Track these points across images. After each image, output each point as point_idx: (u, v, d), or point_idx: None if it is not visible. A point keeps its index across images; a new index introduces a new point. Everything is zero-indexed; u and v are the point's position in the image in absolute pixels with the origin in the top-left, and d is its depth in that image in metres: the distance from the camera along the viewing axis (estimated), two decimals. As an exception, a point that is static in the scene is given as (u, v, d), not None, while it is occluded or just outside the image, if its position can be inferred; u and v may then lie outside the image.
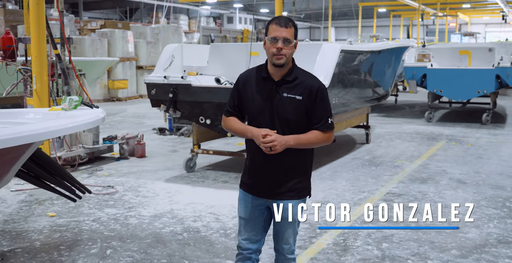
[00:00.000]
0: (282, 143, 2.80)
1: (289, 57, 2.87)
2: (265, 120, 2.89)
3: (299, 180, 2.98)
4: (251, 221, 3.06)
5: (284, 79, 2.89)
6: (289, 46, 2.83)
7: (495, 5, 33.96)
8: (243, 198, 3.09)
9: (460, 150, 8.99)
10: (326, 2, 33.99)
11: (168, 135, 10.48)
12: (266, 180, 2.97)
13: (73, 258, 4.26)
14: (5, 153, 3.00)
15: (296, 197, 2.98)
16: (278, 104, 2.88)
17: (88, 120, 3.66)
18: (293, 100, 2.87)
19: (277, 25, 2.83)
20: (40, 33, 6.37)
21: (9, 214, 5.37)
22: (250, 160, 3.03)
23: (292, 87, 2.88)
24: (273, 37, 2.82)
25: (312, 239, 4.71)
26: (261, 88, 2.92)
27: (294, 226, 3.03)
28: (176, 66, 7.45)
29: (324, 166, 7.66)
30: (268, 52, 2.86)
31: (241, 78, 3.02)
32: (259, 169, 2.98)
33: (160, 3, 31.37)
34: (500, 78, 11.35)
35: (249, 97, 2.95)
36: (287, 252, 3.08)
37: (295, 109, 2.87)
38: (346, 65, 7.14)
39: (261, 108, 2.91)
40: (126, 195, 6.13)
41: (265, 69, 2.93)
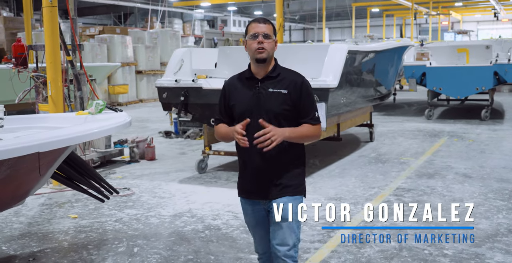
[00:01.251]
0: (280, 134, 2.80)
1: (271, 52, 2.90)
2: (254, 118, 2.87)
3: (292, 177, 2.98)
4: (258, 226, 3.09)
5: (268, 75, 2.94)
6: (269, 40, 2.88)
7: (487, 3, 34.30)
8: (243, 206, 3.11)
9: (463, 145, 9.19)
10: (320, 3, 34.23)
11: (174, 138, 10.63)
12: (258, 181, 2.97)
13: (102, 256, 4.42)
14: (46, 155, 3.16)
15: (290, 193, 2.96)
16: (265, 100, 2.91)
17: (118, 123, 3.82)
18: (279, 95, 2.90)
19: (255, 23, 2.91)
20: (54, 40, 6.52)
21: (32, 217, 5.52)
22: (243, 164, 3.05)
23: (277, 82, 2.93)
24: (253, 33, 2.89)
25: (330, 233, 4.88)
26: (247, 88, 2.95)
27: (291, 226, 2.96)
28: (186, 70, 7.61)
29: (332, 164, 7.84)
30: (250, 49, 2.90)
31: (226, 85, 3.08)
32: (250, 171, 2.99)
33: (155, 7, 31.50)
34: (498, 75, 11.58)
35: (236, 100, 2.97)
36: (285, 255, 2.95)
37: (282, 103, 2.90)
38: (353, 65, 7.33)
39: (249, 107, 2.93)
40: (143, 196, 6.29)
41: (248, 70, 2.99)
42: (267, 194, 2.97)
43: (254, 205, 3.05)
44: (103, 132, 3.60)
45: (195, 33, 38.27)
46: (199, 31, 39.30)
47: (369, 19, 40.01)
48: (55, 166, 3.53)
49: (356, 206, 5.73)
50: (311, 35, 52.30)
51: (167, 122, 11.43)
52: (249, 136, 2.82)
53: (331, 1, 37.61)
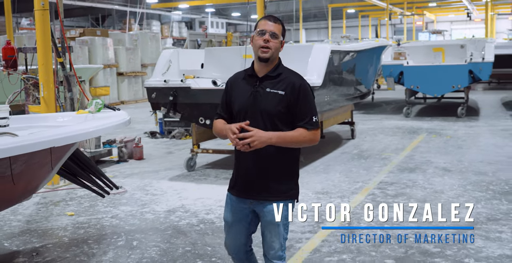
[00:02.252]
0: (262, 139, 2.76)
1: (275, 52, 2.88)
2: (250, 116, 2.88)
3: (283, 181, 2.95)
4: (235, 225, 3.06)
5: (268, 75, 2.91)
6: (276, 40, 2.86)
7: (460, 3, 35.03)
8: (228, 201, 3.09)
9: (441, 141, 9.53)
10: (297, 5, 34.57)
11: (159, 138, 10.79)
12: (248, 181, 2.95)
13: (103, 250, 4.59)
14: (57, 150, 3.33)
15: (279, 198, 2.93)
16: (262, 100, 2.88)
17: (119, 121, 4.00)
18: (276, 95, 2.87)
19: (266, 20, 2.90)
20: (46, 42, 6.65)
21: (29, 215, 5.65)
22: (237, 162, 3.03)
23: (276, 83, 2.89)
24: (261, 30, 2.87)
25: (319, 224, 5.12)
26: (246, 85, 2.95)
27: (278, 229, 2.96)
28: (173, 71, 7.80)
29: (316, 161, 8.10)
30: (255, 45, 2.88)
31: (229, 81, 3.08)
32: (244, 170, 2.97)
33: (133, 9, 31.49)
34: (473, 73, 11.99)
35: (235, 96, 2.97)
36: (273, 257, 3.00)
37: (277, 104, 2.86)
38: (335, 65, 7.60)
39: (245, 105, 2.91)
40: (135, 193, 6.46)
41: (251, 67, 2.98)
42: (257, 195, 2.95)
43: (239, 203, 3.01)
44: (107, 129, 3.77)
45: (173, 35, 38.38)
46: (177, 33, 39.41)
47: (345, 20, 40.49)
48: (62, 161, 3.70)
49: (343, 199, 5.99)
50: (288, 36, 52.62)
51: (151, 123, 11.57)
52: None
53: (308, 2, 38.01)
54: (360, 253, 4.38)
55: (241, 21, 46.73)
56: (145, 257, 4.41)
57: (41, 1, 6.65)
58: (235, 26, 49.27)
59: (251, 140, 2.74)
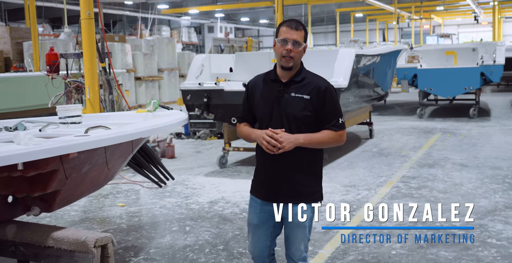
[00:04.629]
0: (290, 140, 2.79)
1: (298, 60, 2.88)
2: (274, 121, 2.89)
3: (306, 183, 2.96)
4: (260, 227, 3.05)
5: (292, 80, 2.91)
6: (299, 49, 2.85)
7: (467, 7, 35.47)
8: (252, 204, 3.08)
9: (456, 140, 10.02)
10: (305, 9, 35.13)
11: (185, 138, 11.31)
12: (273, 184, 2.95)
13: (161, 234, 5.11)
14: (138, 142, 3.85)
15: (305, 200, 2.95)
16: (287, 104, 2.87)
17: (179, 118, 4.50)
18: (301, 100, 2.86)
19: (288, 28, 2.85)
20: (91, 49, 7.20)
21: (83, 206, 6.18)
22: (260, 165, 3.03)
23: (300, 87, 2.89)
24: (283, 38, 2.84)
25: (352, 212, 5.62)
26: (270, 90, 2.93)
27: (304, 231, 2.98)
28: (205, 74, 8.33)
29: (340, 158, 8.60)
30: (277, 53, 2.87)
31: (250, 84, 3.07)
32: (266, 173, 2.97)
33: (144, 15, 32.11)
34: (485, 75, 12.48)
35: (258, 100, 2.96)
36: (297, 258, 3.02)
37: (303, 108, 2.85)
38: (358, 68, 8.11)
39: (270, 109, 2.91)
40: (176, 187, 6.98)
41: (273, 72, 2.97)
42: (283, 199, 2.95)
43: (263, 205, 3.01)
44: (174, 125, 4.26)
45: (183, 40, 39.03)
46: (187, 38, 40.06)
47: (352, 24, 40.99)
48: (134, 152, 4.22)
49: (370, 191, 6.49)
50: (296, 40, 53.21)
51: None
52: None
53: (316, 7, 38.53)
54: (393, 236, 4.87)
55: (250, 26, 47.34)
56: (200, 239, 4.93)
57: (87, 11, 7.20)
58: (243, 31, 49.91)
59: (280, 141, 2.77)
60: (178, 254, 4.57)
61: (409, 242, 4.67)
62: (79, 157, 3.20)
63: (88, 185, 3.66)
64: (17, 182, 3.19)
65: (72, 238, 3.09)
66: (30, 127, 4.43)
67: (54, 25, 34.93)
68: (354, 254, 4.45)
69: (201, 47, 42.89)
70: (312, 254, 4.48)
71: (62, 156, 3.03)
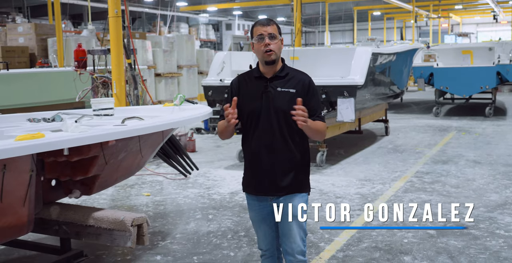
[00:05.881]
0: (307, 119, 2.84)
1: (278, 53, 2.95)
2: (263, 115, 2.95)
3: (298, 174, 3.03)
4: (263, 222, 3.11)
5: (276, 75, 2.98)
6: (275, 41, 2.92)
7: (486, 5, 35.37)
8: (249, 202, 3.14)
9: (470, 138, 10.21)
10: (323, 7, 35.27)
11: (204, 133, 11.62)
12: (265, 177, 3.00)
13: (185, 221, 5.42)
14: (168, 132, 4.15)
15: (296, 190, 3.02)
16: (274, 99, 2.94)
17: (205, 112, 4.79)
18: (287, 94, 2.94)
19: (260, 25, 2.95)
20: (118, 46, 7.53)
21: (111, 195, 6.51)
22: (248, 161, 3.08)
23: (285, 82, 2.97)
24: (258, 35, 2.92)
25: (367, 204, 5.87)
26: (255, 87, 2.99)
27: (301, 224, 3.02)
28: (226, 71, 8.63)
29: (355, 154, 8.85)
30: (258, 52, 2.94)
31: (233, 83, 3.11)
32: (259, 168, 3.01)
33: (164, 12, 32.50)
34: (501, 75, 12.62)
35: (244, 97, 2.99)
36: (296, 252, 3.04)
37: (290, 102, 2.89)
38: (375, 66, 8.34)
39: (258, 105, 2.96)
40: (198, 179, 7.29)
41: (257, 69, 3.03)
42: (275, 192, 3.01)
43: (261, 201, 3.06)
44: (202, 117, 4.55)
45: (201, 37, 39.42)
46: (204, 35, 40.46)
47: (370, 22, 41.04)
48: (163, 142, 4.52)
49: (385, 185, 6.73)
50: (312, 38, 53.42)
51: (196, 120, 12.40)
52: (257, 133, 2.97)
53: (333, 5, 38.65)
54: (405, 226, 5.13)
55: (268, 24, 47.53)
56: (222, 226, 5.23)
57: (114, 9, 7.53)
58: (263, 27, 50.10)
59: (306, 115, 2.80)
60: (202, 239, 4.87)
61: (420, 232, 4.92)
62: (117, 145, 3.50)
63: (123, 171, 3.97)
64: (61, 166, 3.51)
65: (111, 217, 3.40)
66: (66, 118, 4.76)
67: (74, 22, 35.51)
68: (368, 242, 4.71)
69: (218, 44, 43.27)
70: (328, 241, 4.75)
71: (102, 143, 3.34)
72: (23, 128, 4.04)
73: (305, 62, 8.38)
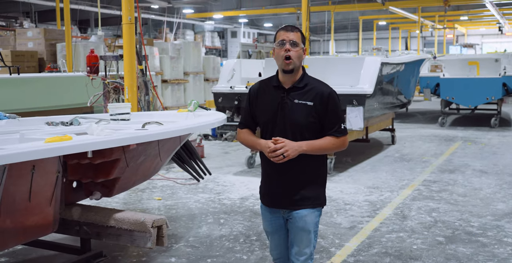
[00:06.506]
0: (295, 148, 2.80)
1: (298, 61, 2.87)
2: (277, 127, 2.90)
3: (312, 189, 2.99)
4: (276, 233, 3.10)
5: (295, 86, 2.91)
6: (297, 48, 2.85)
7: (492, 17, 35.51)
8: (263, 212, 3.14)
9: (476, 148, 10.29)
10: (329, 16, 35.46)
11: (212, 140, 11.73)
12: (280, 191, 2.98)
13: (198, 225, 5.52)
14: (177, 140, 4.26)
15: (310, 206, 2.98)
16: (290, 111, 2.88)
17: (220, 118, 4.88)
18: (304, 106, 2.87)
19: (283, 31, 2.89)
20: (131, 52, 7.66)
21: (123, 198, 6.61)
22: (265, 172, 3.07)
23: (303, 93, 2.89)
24: (280, 40, 2.87)
25: (375, 211, 5.97)
26: (273, 96, 2.93)
27: (310, 237, 3.01)
28: (236, 78, 8.75)
29: (363, 162, 8.94)
30: (278, 57, 2.88)
31: (252, 90, 3.06)
32: (273, 180, 3.00)
33: (170, 19, 32.73)
34: (507, 86, 12.72)
35: (261, 107, 2.97)
36: (302, 260, 3.03)
37: (306, 115, 2.86)
38: (383, 75, 8.45)
39: (273, 116, 2.91)
40: (208, 184, 7.39)
41: (275, 78, 2.97)
42: (287, 205, 2.99)
43: (273, 213, 3.06)
44: (218, 123, 4.64)
45: (206, 44, 39.66)
46: (210, 42, 40.69)
47: (375, 32, 41.21)
48: (179, 146, 4.62)
49: (393, 193, 6.82)
50: (318, 47, 53.62)
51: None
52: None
53: (339, 14, 38.84)
54: (414, 232, 5.21)
55: (272, 32, 47.81)
56: (234, 230, 5.32)
57: (128, 16, 7.66)
58: (266, 36, 50.37)
59: (284, 150, 2.79)
60: (215, 243, 4.96)
61: (430, 239, 5.00)
62: (137, 148, 3.61)
63: (141, 175, 4.07)
64: (84, 168, 3.61)
65: (132, 219, 3.50)
66: (83, 122, 4.87)
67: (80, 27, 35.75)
68: (378, 248, 4.79)
69: (223, 51, 43.48)
70: (338, 246, 4.83)
71: (124, 147, 3.44)
72: (44, 131, 4.15)
73: (314, 71, 8.45)
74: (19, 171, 2.89)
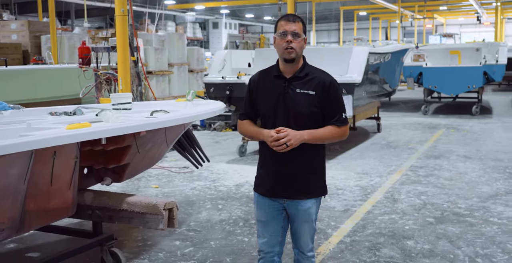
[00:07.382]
0: (297, 137, 2.79)
1: (299, 52, 2.86)
2: (279, 117, 2.89)
3: (313, 178, 2.99)
4: (270, 223, 3.05)
5: (296, 75, 2.89)
6: (298, 39, 2.83)
7: (470, 7, 36.03)
8: (259, 201, 3.06)
9: (459, 135, 10.61)
10: (310, 7, 35.64)
11: (201, 130, 11.90)
12: (280, 180, 2.95)
13: (197, 210, 5.70)
14: (179, 128, 4.43)
15: (311, 195, 2.98)
16: (291, 100, 2.86)
17: (219, 107, 5.03)
18: (306, 96, 2.85)
19: (285, 21, 2.85)
20: (124, 43, 7.76)
21: (121, 187, 6.76)
22: (264, 161, 3.03)
23: (305, 83, 2.87)
24: (282, 31, 2.83)
25: (367, 195, 6.21)
26: (274, 86, 2.91)
27: (311, 225, 3.04)
28: (227, 69, 8.92)
29: (350, 149, 9.19)
30: (279, 47, 2.86)
31: (252, 80, 3.04)
32: (273, 170, 2.96)
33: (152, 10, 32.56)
34: (487, 75, 13.07)
35: (262, 97, 2.95)
36: (306, 250, 3.08)
37: (308, 104, 2.85)
38: (370, 65, 8.69)
39: (274, 106, 2.90)
40: (202, 173, 7.57)
41: (276, 67, 2.94)
42: (289, 194, 2.97)
43: (272, 202, 3.02)
44: (217, 112, 4.81)
45: (188, 35, 39.57)
46: (191, 33, 40.60)
47: (356, 22, 41.49)
48: (181, 134, 4.79)
49: (382, 178, 7.07)
50: (299, 38, 53.71)
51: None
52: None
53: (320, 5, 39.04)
54: (405, 214, 5.47)
55: (253, 23, 47.92)
56: (233, 215, 5.52)
57: (121, 8, 7.76)
58: (247, 27, 50.42)
59: (287, 139, 2.77)
60: (216, 226, 5.16)
61: (420, 220, 5.26)
62: (147, 135, 3.78)
63: (147, 161, 4.24)
64: (96, 155, 3.77)
65: (144, 202, 3.68)
66: (86, 112, 5.01)
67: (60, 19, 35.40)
68: (372, 228, 5.04)
69: (205, 42, 43.40)
70: (335, 228, 5.06)
71: (135, 133, 3.61)
72: (48, 121, 4.28)
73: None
74: (42, 156, 3.04)
